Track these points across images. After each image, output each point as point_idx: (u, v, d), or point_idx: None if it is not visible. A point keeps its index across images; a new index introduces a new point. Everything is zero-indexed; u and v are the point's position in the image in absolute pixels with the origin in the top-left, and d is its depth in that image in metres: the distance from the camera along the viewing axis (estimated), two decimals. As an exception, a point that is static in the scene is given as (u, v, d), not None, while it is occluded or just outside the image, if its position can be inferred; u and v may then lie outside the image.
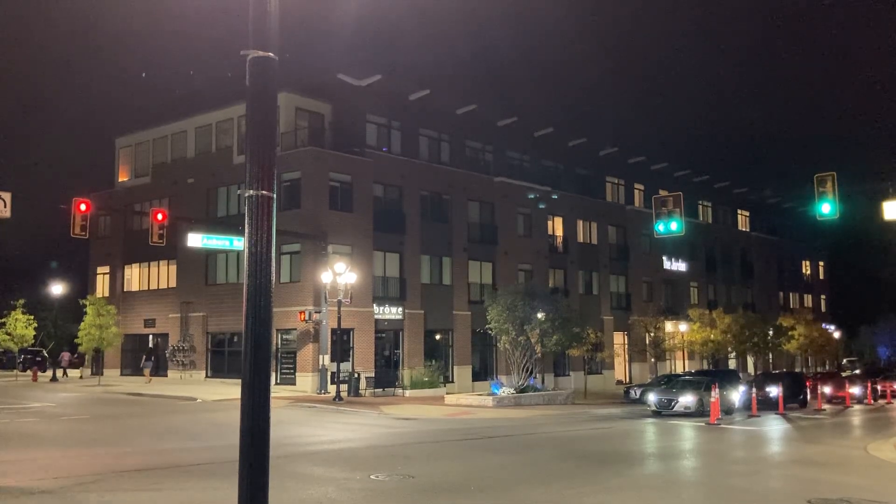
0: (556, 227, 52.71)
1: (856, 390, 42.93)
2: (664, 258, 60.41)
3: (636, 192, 62.14)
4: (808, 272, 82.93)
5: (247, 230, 4.53)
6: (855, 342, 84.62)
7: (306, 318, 37.74)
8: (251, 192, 4.53)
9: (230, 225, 39.12)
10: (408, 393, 37.74)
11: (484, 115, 49.68)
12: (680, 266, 62.06)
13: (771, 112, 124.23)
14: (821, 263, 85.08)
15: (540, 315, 37.18)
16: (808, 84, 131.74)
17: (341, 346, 36.35)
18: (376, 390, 37.98)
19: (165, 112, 49.62)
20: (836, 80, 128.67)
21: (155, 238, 31.34)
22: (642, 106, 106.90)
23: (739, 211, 74.72)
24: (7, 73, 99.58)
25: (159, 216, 31.66)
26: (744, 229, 74.62)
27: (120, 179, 52.34)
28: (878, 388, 45.25)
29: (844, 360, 76.81)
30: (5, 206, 22.45)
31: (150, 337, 48.40)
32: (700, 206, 68.02)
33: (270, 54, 4.65)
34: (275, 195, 4.61)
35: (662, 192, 43.39)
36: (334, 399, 33.22)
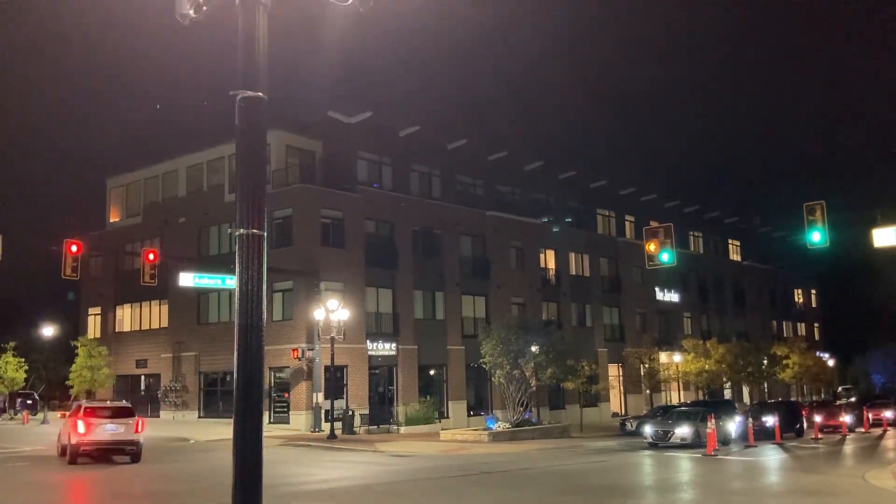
0: (549, 259, 52.76)
1: (851, 419, 42.75)
2: (657, 289, 60.46)
3: (627, 223, 62.38)
4: (801, 300, 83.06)
5: (238, 269, 4.52)
6: (850, 370, 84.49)
7: (299, 355, 37.53)
8: (242, 230, 4.53)
9: (222, 263, 39.05)
10: (403, 429, 37.44)
11: (474, 150, 49.99)
12: (673, 297, 62.10)
13: (760, 142, 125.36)
14: (813, 291, 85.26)
15: (534, 348, 37.09)
16: (796, 113, 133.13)
17: (335, 383, 36.12)
18: (371, 427, 37.67)
19: (156, 152, 49.84)
20: (824, 108, 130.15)
21: (146, 278, 31.24)
22: (631, 138, 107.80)
23: (730, 241, 75.02)
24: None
25: (151, 256, 31.60)
26: (735, 259, 74.85)
27: (111, 220, 52.29)
28: (871, 416, 45.08)
29: (840, 388, 76.66)
30: (-4, 249, 22.38)
31: (143, 377, 48.02)
32: (691, 237, 68.28)
33: (259, 94, 4.68)
34: (265, 233, 4.61)
35: (653, 224, 43.59)
36: (328, 437, 32.92)
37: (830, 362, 72.56)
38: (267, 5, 4.77)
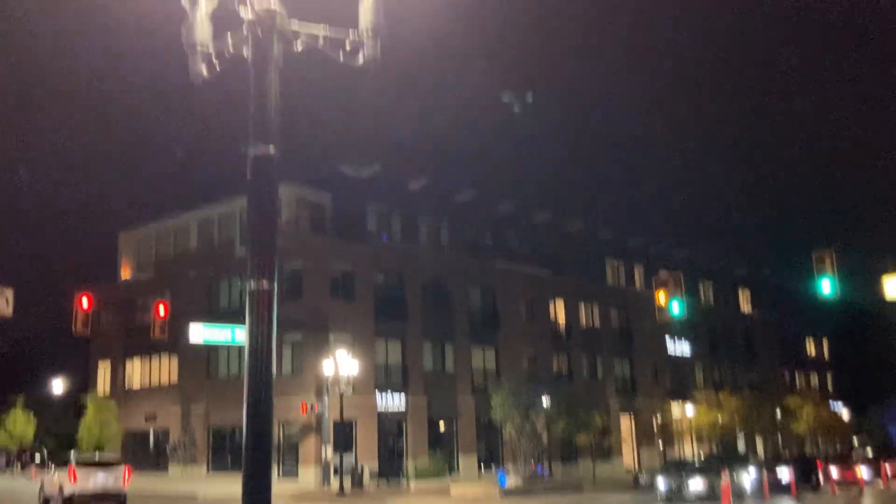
0: (558, 310, 52.56)
1: (868, 472, 41.96)
2: (668, 340, 60.02)
3: (636, 273, 62.24)
4: (813, 350, 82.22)
5: (248, 324, 4.54)
6: (865, 421, 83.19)
7: (308, 409, 37.26)
8: (253, 285, 4.56)
9: (232, 316, 39.01)
10: (413, 484, 36.93)
11: (483, 202, 50.24)
12: (683, 347, 61.60)
13: (768, 190, 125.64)
14: (825, 341, 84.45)
15: (545, 401, 36.76)
16: (806, 160, 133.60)
17: (344, 436, 35.78)
18: (380, 481, 37.19)
19: (169, 206, 50.26)
20: (834, 154, 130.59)
21: (157, 333, 31.21)
22: (639, 188, 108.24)
23: (740, 290, 74.64)
24: (10, 169, 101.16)
25: (161, 311, 31.62)
26: (745, 308, 74.36)
27: (123, 274, 52.50)
28: (889, 468, 44.23)
29: (855, 440, 75.37)
30: (7, 304, 22.45)
31: (152, 432, 47.68)
32: (701, 287, 67.97)
33: (271, 149, 4.76)
34: (276, 288, 4.64)
35: (662, 274, 43.42)
36: (338, 493, 32.50)
37: (845, 413, 71.55)
38: (279, 63, 4.88)
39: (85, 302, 28.33)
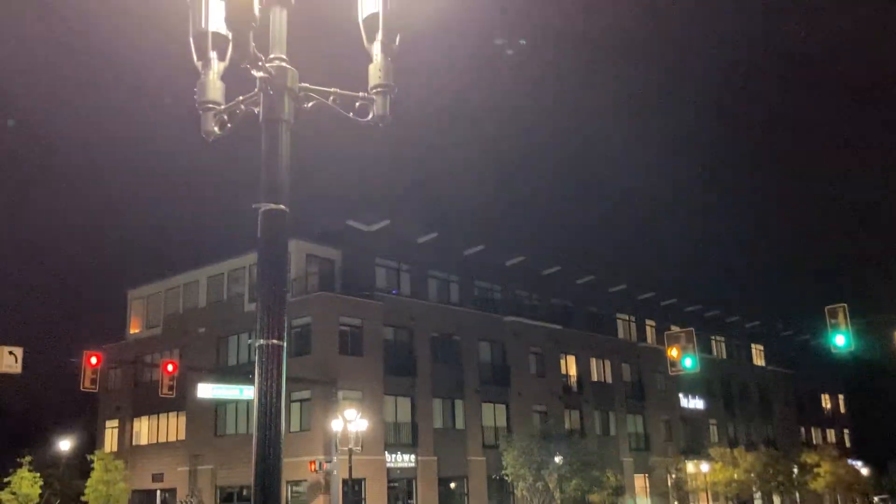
0: (570, 366, 52.14)
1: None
2: (681, 395, 59.33)
3: (648, 328, 61.85)
4: (829, 406, 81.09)
5: (257, 381, 4.50)
6: (885, 477, 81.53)
7: (317, 468, 36.79)
8: (262, 341, 4.54)
9: (241, 373, 38.86)
10: (423, 545, 36.22)
11: (491, 256, 50.28)
12: (697, 403, 60.85)
13: (779, 243, 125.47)
14: (840, 396, 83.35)
15: (557, 459, 36.24)
16: (817, 214, 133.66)
17: (353, 496, 35.25)
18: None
19: (178, 262, 50.49)
20: (845, 209, 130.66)
21: (165, 390, 31.13)
22: (649, 242, 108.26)
23: (753, 345, 73.97)
24: (19, 225, 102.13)
25: (170, 368, 31.57)
26: (759, 363, 73.61)
27: (131, 331, 52.50)
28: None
29: (875, 499, 73.77)
30: (16, 362, 22.45)
31: (159, 492, 47.09)
32: (713, 342, 67.42)
33: (281, 206, 4.78)
34: (285, 344, 4.61)
35: (674, 328, 43.17)
36: (346, 553, 31.88)
37: (863, 470, 70.16)
38: (289, 122, 4.93)
39: (94, 360, 28.32)
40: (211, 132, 5.08)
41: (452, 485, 43.51)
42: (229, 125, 5.11)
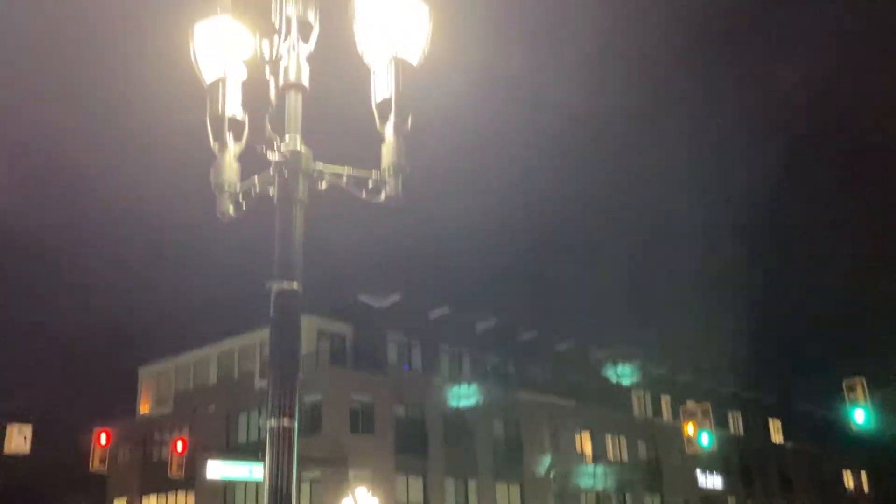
0: (584, 442, 51.25)
1: None
2: (698, 472, 58.04)
3: (663, 404, 60.95)
4: (851, 483, 79.00)
5: (267, 462, 4.45)
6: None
7: (327, 549, 35.95)
8: (273, 422, 4.50)
9: (251, 451, 38.31)
10: None
11: (504, 330, 50.04)
12: (715, 481, 59.44)
13: (796, 317, 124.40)
14: (863, 473, 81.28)
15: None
16: (833, 287, 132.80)
17: (364, 579, 34.27)
18: None
19: (189, 340, 50.43)
20: (861, 281, 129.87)
21: (174, 470, 30.77)
22: (665, 316, 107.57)
23: (771, 420, 72.66)
24: (30, 301, 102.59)
25: (179, 447, 31.24)
26: (777, 439, 72.15)
27: (141, 409, 52.18)
28: None
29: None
30: (26, 441, 22.28)
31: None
32: (730, 417, 66.27)
33: (294, 285, 4.80)
34: (296, 425, 4.57)
35: (689, 404, 42.52)
36: None
37: (890, 551, 67.92)
38: (303, 202, 5.00)
39: (103, 438, 28.09)
40: (226, 213, 5.15)
41: (466, 567, 42.33)
42: (244, 206, 5.19)
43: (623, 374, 57.92)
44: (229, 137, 5.14)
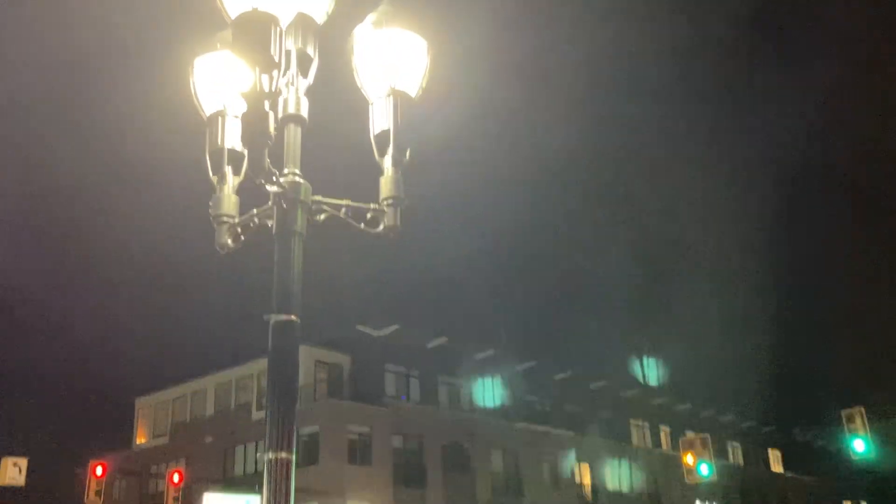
0: (584, 474, 50.87)
1: None
2: (697, 503, 57.55)
3: (663, 434, 60.63)
4: (853, 514, 78.36)
5: (265, 495, 4.42)
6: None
7: (324, 583, 35.49)
8: (270, 455, 4.47)
9: (248, 484, 37.96)
10: None
11: (502, 361, 49.88)
12: (716, 512, 58.96)
13: (794, 347, 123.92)
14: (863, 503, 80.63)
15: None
16: (831, 316, 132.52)
17: None
18: None
19: (186, 371, 50.25)
20: (859, 310, 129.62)
21: (170, 502, 30.45)
22: (662, 347, 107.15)
23: (770, 450, 72.27)
24: (24, 331, 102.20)
25: (175, 478, 30.97)
26: (777, 469, 71.70)
27: (138, 440, 51.80)
28: None
29: None
30: (21, 473, 22.08)
31: None
32: (729, 447, 65.91)
33: (293, 317, 4.80)
34: (294, 457, 4.55)
35: (689, 434, 42.30)
36: None
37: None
38: (302, 234, 5.01)
39: (99, 470, 27.85)
40: (225, 245, 5.16)
41: None
42: (242, 238, 5.20)
43: (622, 404, 57.59)
44: (228, 170, 5.17)
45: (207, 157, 5.17)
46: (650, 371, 65.16)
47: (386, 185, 5.12)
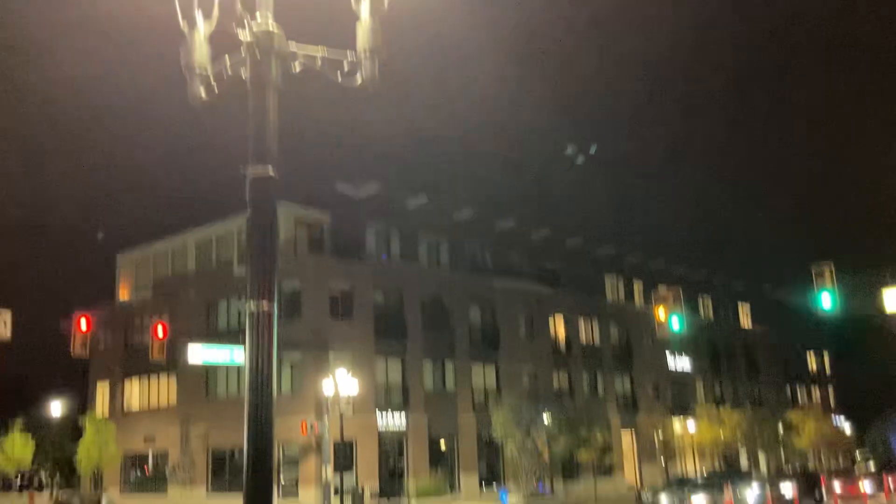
0: (558, 327, 52.47)
1: (871, 486, 41.77)
2: (668, 355, 59.91)
3: (636, 289, 62.20)
4: (814, 365, 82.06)
5: (248, 345, 4.52)
6: (867, 435, 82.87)
7: (308, 429, 37.08)
8: (252, 307, 4.54)
9: (231, 337, 38.87)
10: (414, 503, 36.73)
11: (481, 220, 50.29)
12: (684, 363, 61.48)
13: (767, 204, 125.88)
14: (826, 355, 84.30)
15: (546, 418, 36.65)
16: (804, 174, 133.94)
17: (344, 457, 35.60)
18: (381, 501, 37.00)
19: (167, 227, 50.27)
20: (831, 169, 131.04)
21: (155, 354, 31.14)
22: (637, 203, 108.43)
23: (740, 304, 74.61)
24: (7, 191, 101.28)
25: (160, 332, 31.56)
26: (745, 323, 74.30)
27: (121, 295, 52.42)
28: (892, 482, 44.03)
29: (858, 455, 75.12)
30: (5, 326, 22.38)
31: (150, 454, 47.42)
32: (700, 302, 67.94)
33: (270, 171, 4.75)
34: (276, 309, 4.62)
35: (661, 289, 43.44)
36: (338, 513, 32.31)
37: (847, 428, 71.36)
38: (277, 85, 4.88)
39: (83, 323, 28.25)
40: (198, 96, 5.03)
41: (443, 444, 43.98)
42: (216, 89, 5.07)
43: (597, 260, 58.65)
44: (199, 15, 4.96)
45: (177, 2, 4.95)
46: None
47: (363, 34, 4.96)
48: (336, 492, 34.95)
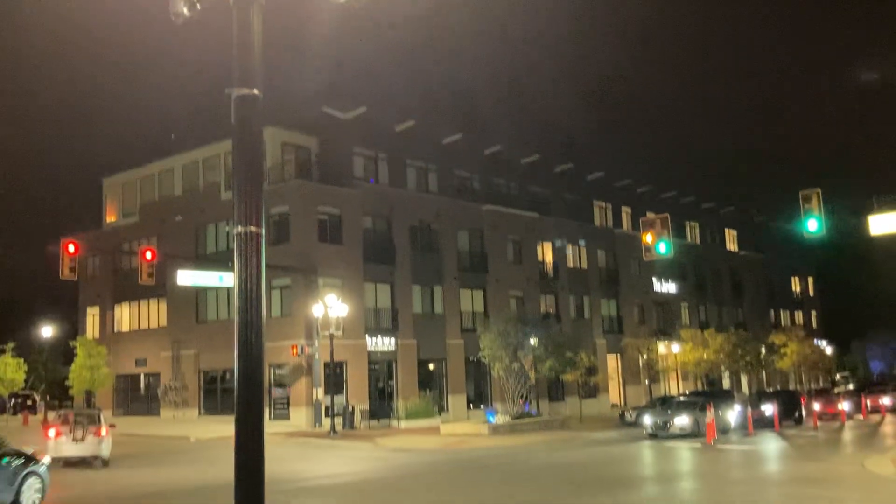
0: (546, 252, 52.74)
1: (850, 406, 42.90)
2: (654, 280, 60.50)
3: (624, 215, 62.39)
4: (798, 289, 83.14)
5: (236, 267, 4.51)
6: (848, 357, 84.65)
7: (298, 352, 37.54)
8: (240, 228, 4.52)
9: (220, 261, 38.97)
10: (403, 424, 37.50)
11: (470, 145, 49.91)
12: (670, 287, 62.16)
13: (754, 129, 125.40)
14: (810, 279, 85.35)
15: (532, 341, 37.16)
16: (789, 98, 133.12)
17: (335, 379, 36.15)
18: (371, 422, 37.72)
19: (152, 151, 49.71)
20: (818, 93, 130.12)
21: (144, 277, 31.20)
22: (626, 129, 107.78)
23: (727, 230, 75.05)
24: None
25: (148, 255, 31.55)
26: (732, 248, 74.88)
27: (108, 219, 52.20)
28: (869, 403, 45.20)
29: (838, 376, 76.85)
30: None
31: (142, 376, 48.02)
32: (688, 227, 68.30)
33: (255, 91, 4.67)
34: (263, 231, 4.60)
35: (650, 215, 43.59)
36: (329, 433, 32.98)
37: (828, 350, 72.74)
38: (261, 3, 4.76)
39: (71, 247, 28.19)
40: (180, 13, 4.91)
41: (431, 366, 44.69)
42: (199, 6, 4.93)
43: (586, 186, 58.62)
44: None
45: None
46: None
47: (349, -51, 4.82)
48: (327, 413, 35.60)
